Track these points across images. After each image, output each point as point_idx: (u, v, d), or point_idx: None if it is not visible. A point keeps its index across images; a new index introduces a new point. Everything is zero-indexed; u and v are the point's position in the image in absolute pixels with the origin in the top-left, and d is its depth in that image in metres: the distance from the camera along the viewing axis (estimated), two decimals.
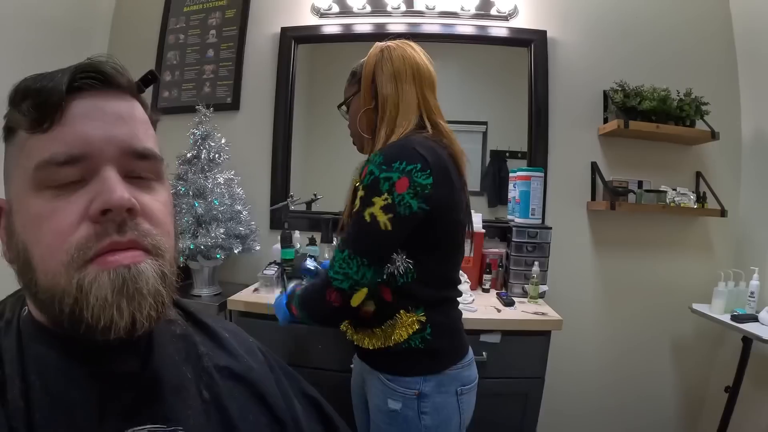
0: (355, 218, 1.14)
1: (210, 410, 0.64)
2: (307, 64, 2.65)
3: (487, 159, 2.53)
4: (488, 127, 2.54)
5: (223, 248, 2.18)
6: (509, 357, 1.77)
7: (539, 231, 2.11)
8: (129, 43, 2.90)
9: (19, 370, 0.53)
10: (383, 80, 1.26)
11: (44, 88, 0.53)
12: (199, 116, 2.27)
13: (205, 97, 2.64)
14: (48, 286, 0.52)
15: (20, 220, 0.54)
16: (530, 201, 2.18)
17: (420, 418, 1.23)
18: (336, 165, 1.32)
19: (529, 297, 2.00)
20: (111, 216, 0.52)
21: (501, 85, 2.60)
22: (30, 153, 0.53)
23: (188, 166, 2.24)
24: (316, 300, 1.21)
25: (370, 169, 1.13)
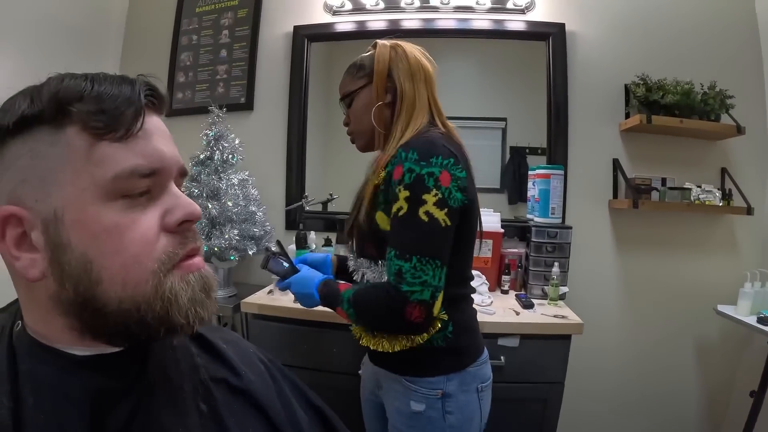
0: (406, 220, 1.08)
1: (207, 424, 0.63)
2: (321, 63, 2.63)
3: (506, 156, 2.49)
4: (507, 123, 2.50)
5: (238, 250, 2.17)
6: (528, 361, 1.74)
7: (559, 231, 2.06)
8: (142, 45, 2.92)
9: (8, 388, 0.52)
10: (401, 77, 1.25)
11: (114, 93, 0.52)
12: (212, 117, 2.26)
13: (218, 98, 2.64)
14: (128, 296, 0.52)
15: (84, 231, 0.51)
16: (550, 199, 2.13)
17: (444, 418, 1.22)
18: (352, 164, 1.29)
19: (549, 299, 1.96)
20: (187, 226, 0.57)
21: (520, 80, 2.55)
22: (102, 161, 0.51)
23: (201, 168, 2.23)
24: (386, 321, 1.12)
25: (407, 166, 1.08)
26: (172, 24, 2.82)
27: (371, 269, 1.26)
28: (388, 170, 1.15)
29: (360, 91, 1.30)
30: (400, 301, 1.05)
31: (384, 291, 1.09)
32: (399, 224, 1.09)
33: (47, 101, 0.51)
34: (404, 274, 1.06)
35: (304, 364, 1.91)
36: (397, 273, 1.07)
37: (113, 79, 0.53)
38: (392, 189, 1.12)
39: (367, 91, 1.28)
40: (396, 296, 1.06)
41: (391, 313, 1.08)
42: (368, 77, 1.28)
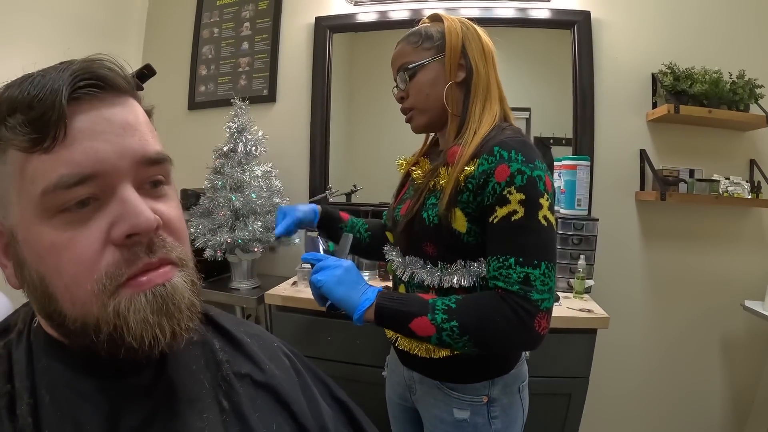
0: (525, 225, 0.98)
1: (229, 420, 0.62)
2: (344, 54, 2.62)
3: None
4: (532, 112, 2.46)
5: (261, 242, 2.18)
6: (553, 355, 1.72)
7: (585, 223, 2.03)
8: (164, 39, 2.94)
9: (29, 384, 0.53)
10: (476, 56, 1.13)
11: (37, 100, 0.47)
12: (234, 109, 2.27)
13: (241, 90, 2.65)
14: (78, 315, 0.50)
15: (31, 251, 0.51)
16: (576, 191, 2.10)
17: (490, 423, 1.17)
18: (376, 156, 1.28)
19: (574, 292, 1.94)
20: (138, 239, 0.51)
21: (544, 69, 2.51)
22: (34, 177, 0.48)
23: (225, 160, 2.23)
24: (509, 335, 0.97)
25: (515, 167, 0.99)
26: (193, 17, 2.83)
27: (426, 270, 1.15)
28: (484, 169, 1.02)
29: (428, 64, 1.15)
30: (532, 311, 0.95)
31: (507, 301, 0.97)
32: (515, 229, 0.99)
33: None
34: (533, 281, 0.96)
35: (328, 356, 1.93)
36: (525, 281, 0.96)
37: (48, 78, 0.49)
38: (494, 191, 1.01)
39: (436, 65, 1.14)
40: (526, 306, 0.95)
41: (520, 326, 0.96)
42: (437, 49, 1.14)
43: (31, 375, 0.54)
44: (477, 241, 1.07)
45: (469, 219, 1.06)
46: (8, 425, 0.50)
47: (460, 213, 1.06)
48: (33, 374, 0.54)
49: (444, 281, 1.11)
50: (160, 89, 2.82)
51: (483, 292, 1.06)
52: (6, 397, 0.51)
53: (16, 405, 0.51)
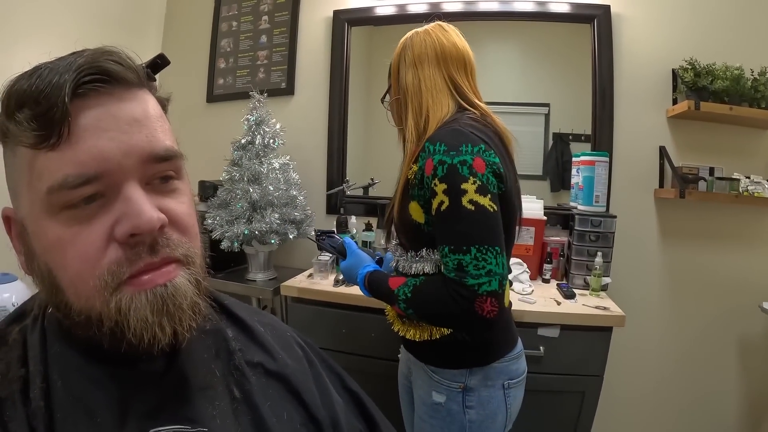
0: (451, 213, 1.03)
1: (240, 409, 0.62)
2: (362, 47, 2.63)
3: (549, 142, 2.44)
4: (550, 108, 2.44)
5: (278, 233, 2.20)
6: (567, 353, 1.71)
7: (603, 220, 2.01)
8: (182, 33, 2.97)
9: (41, 369, 0.53)
10: (405, 70, 1.24)
11: (43, 96, 0.47)
12: (253, 102, 2.28)
13: (259, 83, 2.67)
14: (82, 308, 0.51)
15: (39, 243, 0.52)
16: (594, 187, 2.08)
17: (465, 412, 1.20)
18: (394, 149, 1.28)
19: (591, 289, 1.92)
20: (141, 239, 0.50)
21: (563, 64, 2.48)
22: (41, 174, 0.49)
23: (243, 152, 2.25)
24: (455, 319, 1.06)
25: (437, 159, 1.05)
26: (212, 10, 2.85)
27: (403, 258, 1.25)
28: (419, 165, 1.11)
29: (388, 91, 1.33)
30: (468, 297, 0.99)
31: (447, 288, 1.03)
32: (445, 218, 1.05)
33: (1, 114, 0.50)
34: (466, 267, 1.00)
35: (342, 348, 1.94)
36: (458, 267, 1.01)
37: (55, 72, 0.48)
38: (427, 185, 1.09)
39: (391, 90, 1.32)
40: (463, 292, 1.00)
41: (460, 311, 1.01)
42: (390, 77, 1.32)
43: (44, 360, 0.55)
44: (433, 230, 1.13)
45: (425, 210, 1.13)
46: (21, 408, 0.50)
47: (416, 205, 1.15)
48: (46, 359, 0.55)
49: (413, 268, 1.20)
50: (179, 82, 2.85)
51: (433, 278, 1.12)
52: (20, 381, 0.52)
53: (29, 389, 0.52)
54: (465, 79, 1.22)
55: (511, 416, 1.25)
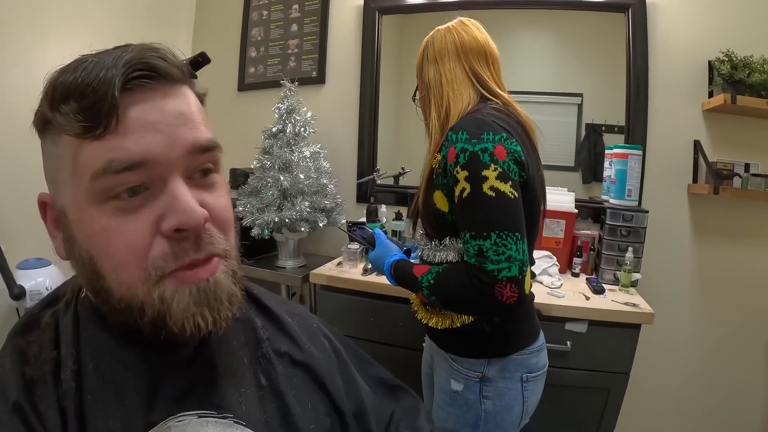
0: (472, 200, 1.05)
1: (266, 397, 0.64)
2: (393, 35, 2.61)
3: (582, 133, 2.39)
4: (584, 98, 2.40)
5: (308, 221, 2.22)
6: (594, 348, 1.70)
7: (635, 214, 1.98)
8: (213, 22, 3.00)
9: (73, 351, 0.55)
10: (427, 67, 1.28)
11: (90, 89, 0.48)
12: (284, 91, 2.29)
13: (290, 72, 2.68)
14: (123, 296, 0.52)
15: (82, 231, 0.53)
16: (627, 181, 2.05)
17: (481, 401, 1.22)
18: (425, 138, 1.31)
19: (620, 285, 1.90)
20: (186, 234, 0.52)
21: (597, 54, 2.42)
22: (85, 162, 0.50)
23: (274, 140, 2.27)
24: (476, 305, 1.07)
25: (459, 147, 1.07)
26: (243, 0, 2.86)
27: (427, 247, 1.27)
28: (443, 154, 1.14)
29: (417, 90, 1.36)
30: (488, 282, 1.01)
31: (467, 274, 1.04)
32: (466, 205, 1.07)
33: (44, 105, 0.52)
34: (486, 252, 1.01)
35: (369, 337, 1.96)
36: (478, 253, 1.02)
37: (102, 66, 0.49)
38: (450, 173, 1.10)
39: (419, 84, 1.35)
40: (483, 277, 1.01)
41: (481, 297, 1.02)
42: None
43: (77, 343, 0.57)
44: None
45: (449, 199, 1.15)
46: (52, 389, 0.53)
47: (440, 194, 1.17)
48: (78, 342, 0.57)
49: (437, 257, 1.22)
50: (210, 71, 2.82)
51: (456, 265, 1.15)
52: (51, 363, 0.55)
53: (60, 370, 0.54)
54: (486, 69, 1.24)
55: (528, 410, 1.26)
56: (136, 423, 0.53)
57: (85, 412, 0.52)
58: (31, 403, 0.52)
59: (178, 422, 0.55)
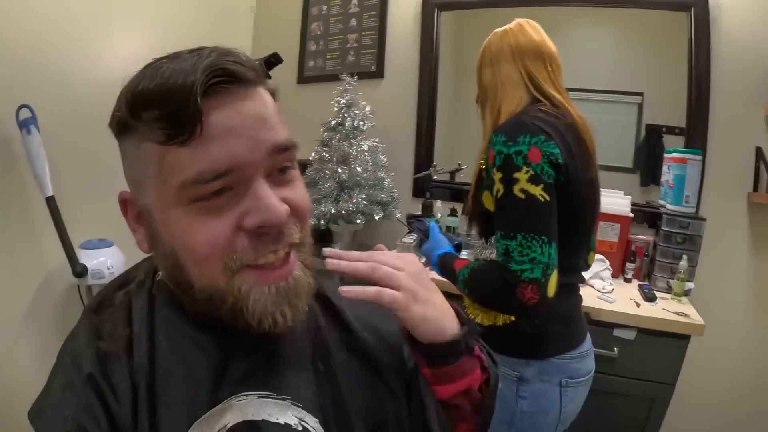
0: (504, 201, 1.09)
1: (322, 382, 0.66)
2: (452, 32, 2.61)
3: (641, 133, 2.34)
4: (644, 98, 2.34)
5: (364, 214, 2.27)
6: (641, 357, 1.70)
7: (692, 221, 1.94)
8: (274, 15, 3.05)
9: (148, 330, 0.60)
10: (484, 69, 1.31)
11: (172, 96, 0.49)
12: (343, 84, 2.34)
13: (349, 66, 2.73)
14: (205, 286, 0.55)
15: (167, 229, 0.55)
16: (685, 186, 2.01)
17: (517, 401, 1.24)
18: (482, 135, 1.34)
19: (672, 293, 1.88)
20: (267, 230, 0.54)
21: (659, 52, 2.36)
22: (172, 169, 0.51)
23: (332, 133, 2.33)
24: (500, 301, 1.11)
25: (496, 149, 1.10)
26: None
27: (479, 245, 1.33)
28: (485, 156, 1.17)
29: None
30: (511, 282, 1.04)
31: (495, 271, 1.08)
32: (499, 205, 1.11)
33: (124, 111, 0.53)
34: (511, 252, 1.05)
35: None
36: (505, 252, 1.07)
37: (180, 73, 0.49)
38: (489, 174, 1.15)
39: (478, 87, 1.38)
40: (507, 276, 1.05)
41: (504, 294, 1.06)
42: None
43: (150, 322, 0.60)
44: None
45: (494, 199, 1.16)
46: (125, 364, 0.57)
47: (487, 194, 1.20)
48: (152, 322, 0.61)
49: (483, 254, 1.28)
50: None
51: (489, 261, 1.19)
52: (124, 340, 0.59)
53: (133, 347, 0.58)
54: (543, 69, 1.24)
55: (566, 416, 1.27)
56: (202, 399, 0.57)
57: (156, 386, 0.56)
58: (104, 375, 0.56)
59: (240, 401, 0.59)
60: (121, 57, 2.31)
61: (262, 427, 0.59)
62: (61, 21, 2.11)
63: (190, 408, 0.56)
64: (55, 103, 2.08)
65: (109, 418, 0.54)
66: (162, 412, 0.55)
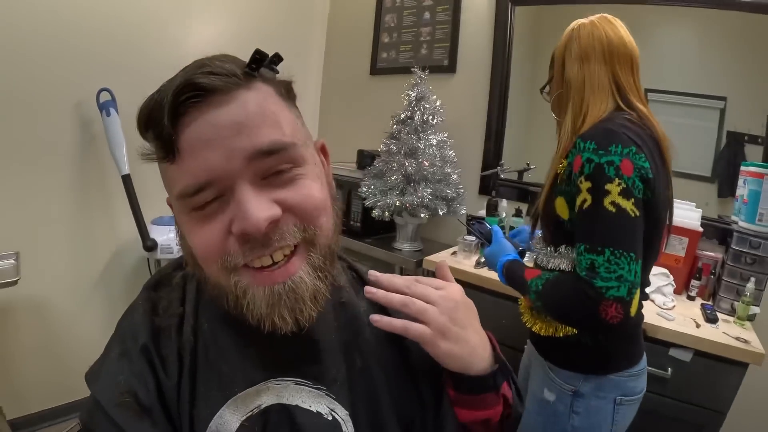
0: (592, 212, 1.04)
1: (357, 377, 0.69)
2: (527, 27, 2.57)
3: (722, 141, 2.20)
4: (727, 103, 2.21)
5: (429, 208, 2.31)
6: (695, 380, 1.64)
7: (763, 242, 1.84)
8: (348, 6, 3.10)
9: (194, 312, 0.66)
10: (570, 63, 1.24)
11: (152, 120, 0.54)
12: (414, 78, 2.36)
13: (422, 59, 2.74)
14: (215, 283, 0.60)
15: (183, 229, 0.61)
16: (759, 204, 1.89)
17: (570, 415, 1.24)
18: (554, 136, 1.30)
19: (736, 316, 1.81)
20: (251, 236, 0.55)
21: (746, 56, 2.20)
22: (170, 183, 0.57)
23: (402, 126, 2.36)
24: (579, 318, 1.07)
25: (585, 157, 1.06)
26: None
27: (543, 252, 1.29)
28: (568, 161, 1.13)
29: (551, 82, 1.34)
30: (595, 298, 1.00)
31: (576, 286, 1.04)
32: (585, 217, 1.06)
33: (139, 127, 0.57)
34: (597, 268, 1.00)
35: None
36: (590, 267, 1.02)
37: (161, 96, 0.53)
38: (574, 181, 1.10)
39: (554, 81, 1.33)
40: (590, 293, 1.00)
41: (585, 311, 1.02)
42: (553, 67, 1.32)
43: (197, 305, 0.66)
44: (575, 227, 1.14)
45: (570, 207, 1.15)
46: (175, 340, 0.62)
47: (561, 201, 1.17)
48: (198, 305, 0.66)
49: (550, 263, 1.24)
50: (346, 53, 3.04)
51: (567, 274, 1.16)
52: (177, 318, 0.64)
53: (183, 325, 0.64)
54: (630, 76, 1.21)
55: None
56: (239, 378, 0.62)
57: (197, 363, 0.62)
58: (157, 347, 0.62)
59: (277, 384, 0.63)
60: (196, 45, 2.46)
61: (294, 412, 0.63)
62: (141, 11, 2.27)
63: (226, 386, 0.61)
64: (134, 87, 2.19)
65: (157, 386, 0.59)
66: (201, 387, 0.61)
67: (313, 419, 0.63)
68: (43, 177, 2.13)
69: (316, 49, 3.26)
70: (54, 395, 2.31)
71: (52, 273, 2.21)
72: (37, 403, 2.28)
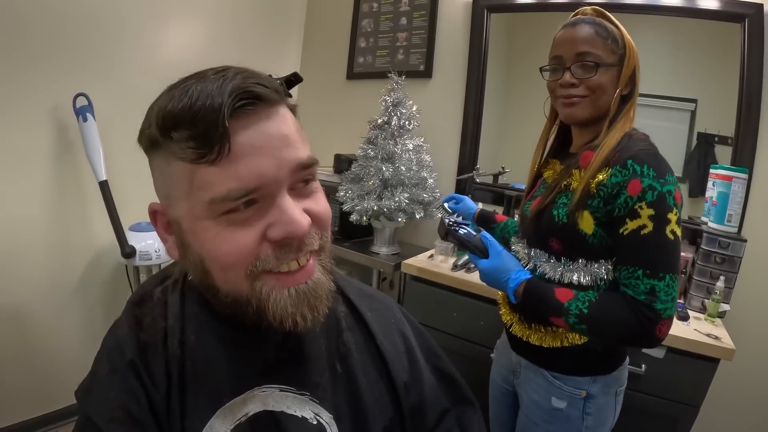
0: (653, 239, 1.05)
1: (340, 381, 0.71)
2: (501, 34, 2.60)
3: (693, 142, 2.26)
4: (697, 105, 2.27)
5: (406, 212, 2.32)
6: (668, 376, 1.68)
7: (732, 242, 1.89)
8: (325, 11, 3.09)
9: (179, 324, 0.66)
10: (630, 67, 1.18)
11: (200, 117, 0.52)
12: (391, 83, 2.36)
13: (398, 64, 2.76)
14: (230, 291, 0.60)
15: (196, 239, 0.59)
16: (728, 205, 1.96)
17: (583, 418, 1.25)
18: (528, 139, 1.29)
19: (706, 314, 1.85)
20: (291, 240, 0.58)
21: (713, 61, 2.27)
22: (202, 186, 0.55)
23: (378, 131, 2.37)
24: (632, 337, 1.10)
25: (647, 183, 1.05)
26: None
27: (549, 264, 1.24)
28: (616, 180, 1.08)
29: (611, 66, 1.18)
30: (654, 319, 1.04)
31: (635, 309, 1.06)
32: (644, 243, 1.06)
33: (154, 130, 0.56)
34: (658, 292, 1.04)
35: (450, 331, 2.07)
36: (650, 291, 1.05)
37: (207, 95, 0.52)
38: (625, 203, 1.07)
39: (615, 71, 1.18)
40: (649, 314, 1.04)
41: (642, 332, 1.05)
42: (619, 57, 1.18)
43: (182, 318, 0.67)
44: (601, 243, 1.15)
45: (597, 223, 1.14)
46: (161, 354, 0.63)
47: (588, 215, 1.14)
48: (183, 318, 0.67)
49: (564, 277, 1.21)
50: (322, 57, 3.03)
51: (611, 295, 1.12)
52: (162, 332, 0.65)
53: (168, 338, 0.65)
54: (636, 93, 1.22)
55: (615, 421, 1.32)
56: (226, 389, 0.63)
57: (185, 376, 0.63)
58: (144, 362, 0.62)
59: (263, 392, 0.65)
60: (174, 50, 2.42)
61: (280, 418, 0.65)
62: (118, 16, 2.23)
63: (215, 396, 0.63)
64: (110, 92, 2.23)
65: (147, 400, 0.61)
66: (190, 398, 0.62)
67: (298, 424, 0.66)
68: (18, 182, 2.08)
69: (293, 53, 3.26)
70: (32, 405, 2.25)
71: (28, 280, 2.16)
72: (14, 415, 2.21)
